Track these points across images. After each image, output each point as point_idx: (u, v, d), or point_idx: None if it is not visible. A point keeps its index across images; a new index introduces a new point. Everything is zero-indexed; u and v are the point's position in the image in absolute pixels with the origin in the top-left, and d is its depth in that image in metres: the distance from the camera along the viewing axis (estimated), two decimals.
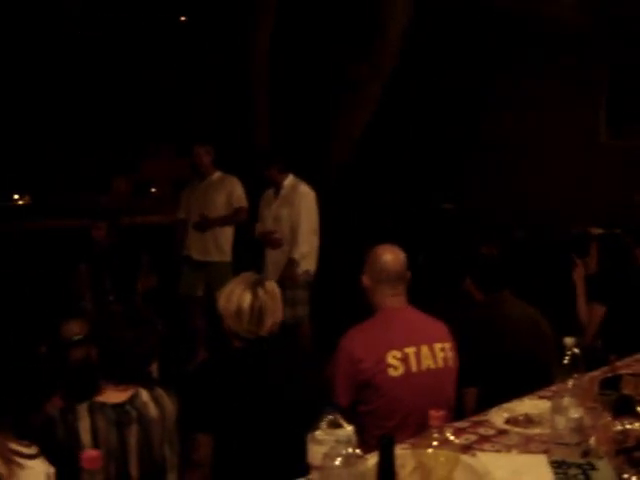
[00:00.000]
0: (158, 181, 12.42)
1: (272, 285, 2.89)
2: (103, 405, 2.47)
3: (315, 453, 1.91)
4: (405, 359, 2.98)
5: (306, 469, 2.25)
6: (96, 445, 2.40)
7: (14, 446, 2.14)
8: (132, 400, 2.51)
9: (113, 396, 2.51)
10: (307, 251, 5.83)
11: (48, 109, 9.96)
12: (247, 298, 2.78)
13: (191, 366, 5.63)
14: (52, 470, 2.21)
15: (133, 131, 10.94)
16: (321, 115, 7.81)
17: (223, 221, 6.26)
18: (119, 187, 11.13)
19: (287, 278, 5.59)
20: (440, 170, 8.77)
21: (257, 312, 2.77)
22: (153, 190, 12.26)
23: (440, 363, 3.06)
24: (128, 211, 8.34)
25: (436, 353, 3.06)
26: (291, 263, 5.76)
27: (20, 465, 2.10)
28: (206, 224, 6.22)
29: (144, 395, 2.55)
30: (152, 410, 2.53)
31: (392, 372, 2.96)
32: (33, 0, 8.32)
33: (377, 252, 3.14)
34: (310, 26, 7.75)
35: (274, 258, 5.97)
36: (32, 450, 2.18)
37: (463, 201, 8.77)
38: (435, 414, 1.97)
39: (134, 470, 2.47)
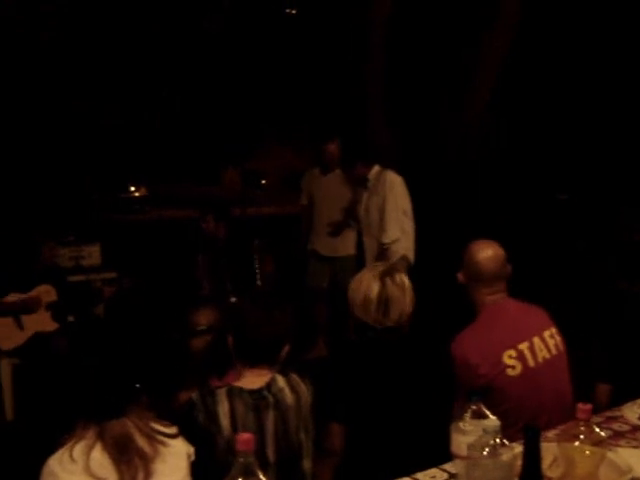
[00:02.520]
0: (268, 173, 12.58)
1: (402, 276, 2.86)
2: (241, 390, 2.52)
3: (460, 443, 1.92)
4: (521, 356, 2.91)
5: (434, 459, 2.26)
6: (234, 429, 2.45)
7: (156, 425, 2.21)
8: (269, 386, 2.55)
9: (250, 381, 2.55)
10: (398, 235, 5.79)
11: (163, 104, 10.23)
12: (375, 288, 2.78)
13: (310, 356, 5.72)
14: (192, 450, 2.27)
15: (243, 123, 11.10)
16: (435, 107, 7.75)
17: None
18: (230, 179, 11.31)
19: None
20: (554, 159, 8.54)
21: (384, 302, 2.77)
22: (263, 182, 12.41)
23: (553, 350, 2.99)
24: (240, 202, 8.47)
25: (547, 341, 2.99)
26: (381, 248, 5.79)
27: (163, 443, 2.17)
28: (339, 229, 6.29)
29: (280, 381, 2.58)
30: (288, 396, 2.56)
31: (510, 372, 2.88)
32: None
33: (472, 250, 3.04)
34: (423, 15, 7.68)
35: (369, 246, 6.01)
36: (173, 430, 2.24)
37: (578, 191, 8.51)
38: (583, 407, 1.92)
39: (271, 455, 2.51)
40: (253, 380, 2.56)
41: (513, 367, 2.88)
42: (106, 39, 8.41)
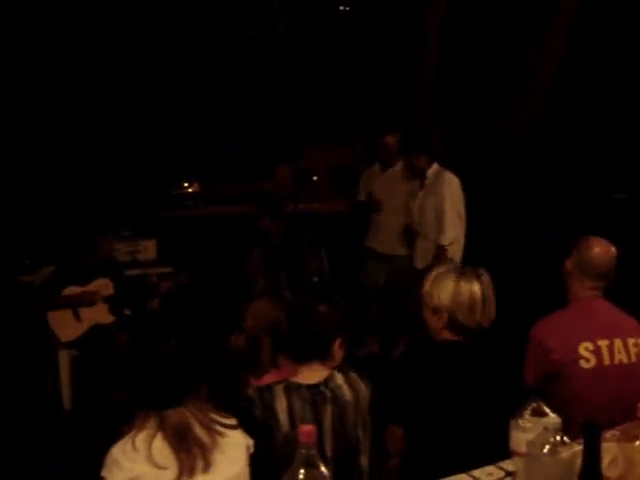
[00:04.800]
0: (319, 170, 12.61)
1: (487, 275, 2.79)
2: (299, 386, 2.53)
3: (519, 440, 1.91)
4: (597, 351, 2.91)
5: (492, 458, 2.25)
6: (292, 424, 2.46)
7: (215, 416, 2.25)
8: (327, 381, 2.56)
9: (307, 377, 2.57)
10: (454, 238, 5.71)
11: (214, 102, 10.31)
12: (477, 290, 2.70)
13: (362, 353, 5.72)
14: (251, 442, 2.30)
15: (295, 119, 11.15)
16: (490, 101, 7.68)
17: None
18: (282, 176, 11.36)
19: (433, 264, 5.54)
20: (612, 158, 8.39)
21: (486, 302, 2.71)
22: (314, 179, 12.45)
23: (633, 358, 2.96)
24: (291, 199, 8.52)
25: (629, 348, 2.96)
26: (440, 250, 5.66)
27: (222, 434, 2.20)
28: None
29: (338, 378, 2.59)
30: (346, 392, 2.56)
31: (583, 364, 2.89)
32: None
33: (588, 242, 3.06)
34: (478, 9, 7.62)
35: (421, 246, 5.91)
36: (232, 421, 2.27)
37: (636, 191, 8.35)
38: None
39: (329, 450, 2.52)
40: (309, 376, 2.58)
41: (587, 360, 2.90)
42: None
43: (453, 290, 2.72)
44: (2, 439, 4.82)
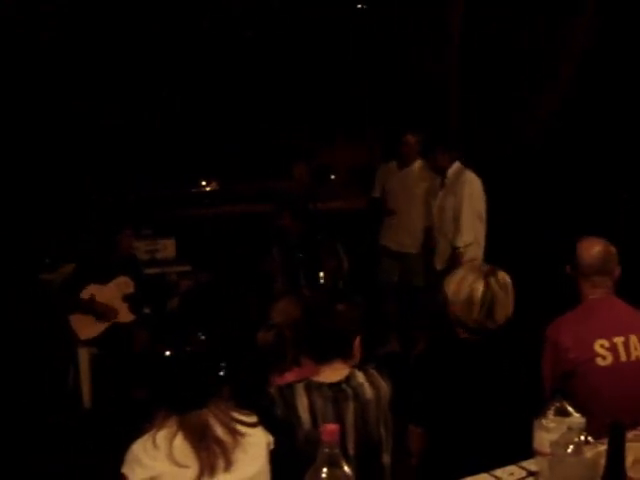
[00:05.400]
0: (336, 168, 12.59)
1: (504, 276, 2.78)
2: (320, 384, 2.53)
3: (542, 440, 1.90)
4: (613, 348, 2.91)
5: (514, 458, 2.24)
6: (314, 422, 2.47)
7: (236, 415, 2.25)
8: (348, 380, 2.55)
9: (328, 376, 2.56)
10: (471, 239, 5.67)
11: (229, 100, 10.32)
12: (479, 288, 2.70)
13: (382, 352, 5.72)
14: (271, 439, 2.30)
15: (311, 118, 11.13)
16: (509, 97, 7.64)
17: None
18: (300, 173, 11.33)
19: (452, 267, 5.50)
20: (618, 157, 8.29)
21: (488, 303, 2.70)
22: (332, 177, 12.42)
23: None
24: (309, 197, 8.52)
25: None
26: (455, 252, 5.65)
27: (242, 434, 2.21)
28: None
29: (360, 376, 2.58)
30: (368, 391, 2.56)
31: (600, 362, 2.89)
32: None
33: (583, 245, 3.12)
34: (496, 8, 7.59)
35: (441, 246, 5.89)
36: (253, 419, 2.28)
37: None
38: None
39: (351, 448, 2.51)
40: (330, 374, 2.57)
41: (604, 357, 2.90)
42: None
43: (455, 286, 2.76)
44: (22, 438, 4.86)
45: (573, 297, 3.17)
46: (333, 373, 2.57)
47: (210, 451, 2.13)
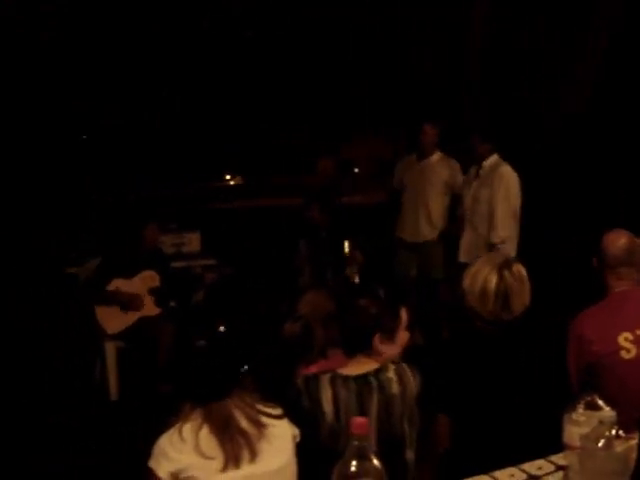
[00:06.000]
0: (360, 161, 12.56)
1: (519, 267, 2.80)
2: (346, 377, 2.51)
3: (572, 434, 1.89)
4: (637, 341, 2.91)
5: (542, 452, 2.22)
6: (337, 415, 2.45)
7: (260, 407, 2.25)
8: (377, 372, 2.53)
9: (354, 369, 2.55)
10: (507, 236, 5.59)
11: (254, 94, 10.33)
12: (493, 280, 2.73)
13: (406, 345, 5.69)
14: (297, 431, 2.30)
15: (335, 111, 11.12)
16: (531, 89, 7.58)
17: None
18: (324, 167, 11.32)
19: None
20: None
21: (502, 295, 2.72)
22: (356, 170, 12.40)
23: None
24: (333, 191, 8.51)
25: None
26: (490, 248, 5.54)
27: (267, 425, 2.21)
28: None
29: (390, 370, 2.55)
30: (394, 385, 2.52)
31: (624, 354, 2.90)
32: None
33: (607, 237, 3.14)
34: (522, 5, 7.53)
35: (469, 238, 5.83)
36: (277, 411, 2.28)
37: None
38: None
39: (373, 442, 2.45)
40: (356, 368, 2.56)
41: (628, 350, 2.91)
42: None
43: (470, 278, 2.79)
44: (51, 430, 4.91)
45: (599, 290, 3.18)
46: (359, 367, 2.55)
47: (234, 442, 2.14)
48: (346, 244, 5.60)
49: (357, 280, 5.38)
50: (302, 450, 2.31)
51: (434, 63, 8.17)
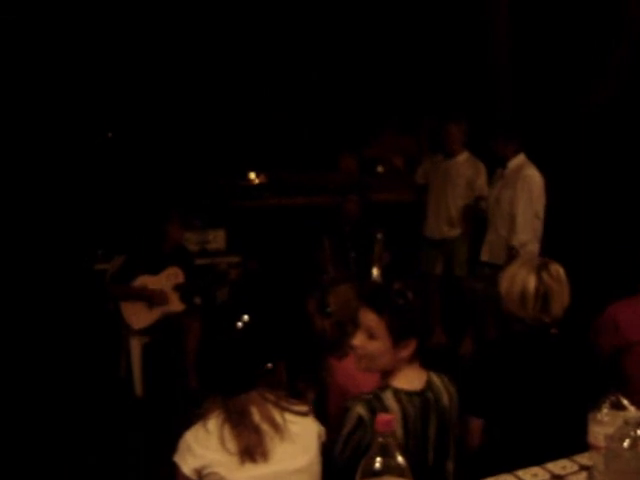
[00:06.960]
0: (384, 160, 12.54)
1: (557, 268, 2.75)
2: (409, 393, 2.35)
3: (597, 434, 1.88)
4: None
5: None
6: (406, 432, 2.31)
7: (285, 404, 2.24)
8: (430, 386, 2.41)
9: (410, 381, 2.39)
10: (528, 239, 5.47)
11: (279, 93, 10.35)
12: (532, 282, 2.68)
13: (430, 344, 5.68)
14: (323, 430, 2.29)
15: (358, 109, 11.11)
16: (561, 86, 7.49)
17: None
18: (346, 165, 11.35)
19: (505, 265, 5.37)
20: None
21: (542, 297, 2.67)
22: (379, 169, 12.38)
23: None
24: (356, 189, 8.52)
25: None
26: (510, 250, 5.44)
27: (285, 423, 2.19)
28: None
29: (437, 382, 2.44)
30: (445, 397, 2.42)
31: None
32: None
33: None
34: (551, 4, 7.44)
35: (491, 239, 5.75)
36: (303, 408, 2.27)
37: None
38: None
39: (431, 457, 2.38)
40: (412, 378, 2.40)
41: None
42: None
43: (508, 282, 2.74)
44: (75, 426, 4.96)
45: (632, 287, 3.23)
46: (415, 378, 2.40)
47: (261, 439, 2.14)
48: (376, 245, 5.60)
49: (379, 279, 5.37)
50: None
51: (459, 58, 8.12)
